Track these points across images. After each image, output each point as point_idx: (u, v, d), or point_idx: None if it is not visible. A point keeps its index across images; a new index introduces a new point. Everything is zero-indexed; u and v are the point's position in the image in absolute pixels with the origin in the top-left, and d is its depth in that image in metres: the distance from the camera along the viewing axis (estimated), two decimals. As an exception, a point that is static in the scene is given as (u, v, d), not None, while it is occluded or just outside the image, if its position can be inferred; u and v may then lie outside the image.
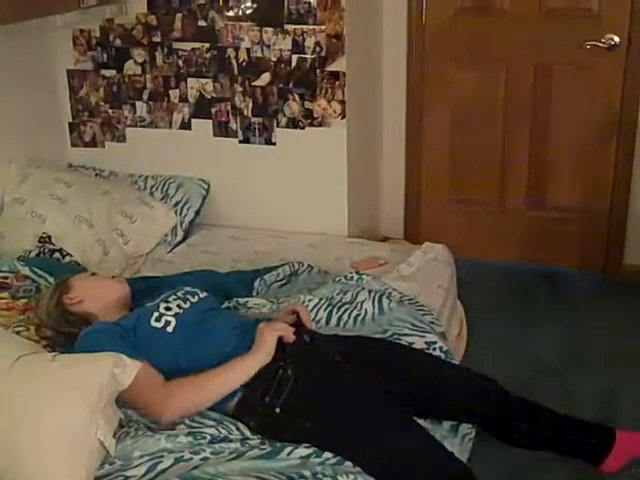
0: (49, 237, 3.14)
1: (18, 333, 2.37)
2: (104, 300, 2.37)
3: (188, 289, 2.42)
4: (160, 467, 1.94)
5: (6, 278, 2.72)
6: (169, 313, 2.27)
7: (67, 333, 2.31)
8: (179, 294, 2.37)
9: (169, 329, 2.23)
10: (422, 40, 3.86)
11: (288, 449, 2.03)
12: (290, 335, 2.21)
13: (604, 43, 3.63)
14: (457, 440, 2.29)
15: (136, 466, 1.93)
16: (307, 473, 1.92)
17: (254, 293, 2.84)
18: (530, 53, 3.78)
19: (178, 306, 2.30)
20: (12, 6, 2.69)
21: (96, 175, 3.68)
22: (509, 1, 3.75)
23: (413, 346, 2.43)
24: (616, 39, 3.62)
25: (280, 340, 2.20)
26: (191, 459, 1.97)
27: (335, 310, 2.61)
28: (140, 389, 2.06)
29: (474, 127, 3.94)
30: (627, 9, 3.58)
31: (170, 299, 2.33)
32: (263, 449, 2.03)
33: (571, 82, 3.77)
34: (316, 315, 2.58)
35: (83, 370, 1.98)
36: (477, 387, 2.38)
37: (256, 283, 2.87)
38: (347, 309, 2.61)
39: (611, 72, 3.68)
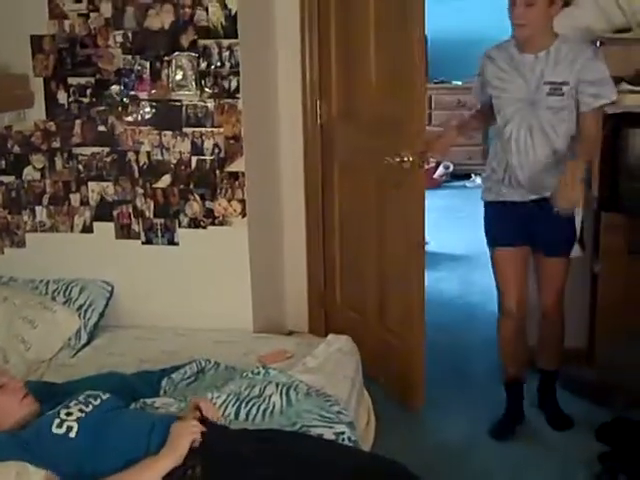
0: (-53, 346, 3.07)
1: None
2: (12, 418, 2.32)
3: (89, 393, 2.39)
4: None
5: None
6: (70, 418, 2.23)
7: None
8: (80, 399, 2.34)
9: (71, 434, 2.19)
10: (318, 139, 3.99)
11: None
12: (197, 437, 2.20)
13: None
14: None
15: None
16: None
17: (161, 393, 2.82)
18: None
19: (80, 410, 2.27)
20: None
21: (-5, 281, 3.63)
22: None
23: (322, 437, 2.45)
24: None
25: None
26: None
27: (243, 405, 2.61)
28: None
29: (357, 224, 3.94)
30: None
31: (71, 404, 2.30)
32: None
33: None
34: (225, 411, 2.58)
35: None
36: (388, 473, 2.40)
37: (163, 382, 2.85)
38: (255, 403, 2.62)
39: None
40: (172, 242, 3.59)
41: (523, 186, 3.24)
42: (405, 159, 3.37)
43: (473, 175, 8.44)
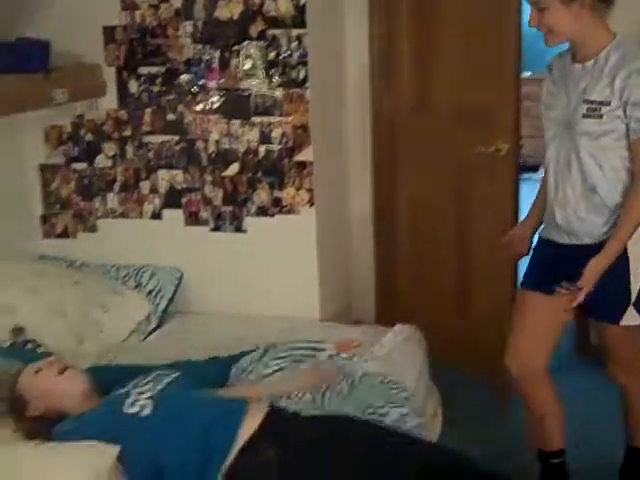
0: (22, 328, 3.14)
1: (-5, 424, 2.37)
2: (64, 397, 2.37)
3: (160, 372, 2.44)
4: None
5: (-20, 370, 2.72)
6: (143, 397, 2.27)
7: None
8: (151, 378, 2.38)
9: (144, 413, 2.23)
10: (386, 127, 3.98)
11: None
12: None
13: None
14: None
15: None
16: None
17: (230, 379, 2.86)
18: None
19: (151, 389, 2.31)
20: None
21: (68, 266, 3.71)
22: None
23: (387, 417, 2.46)
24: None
25: (263, 423, 2.22)
26: None
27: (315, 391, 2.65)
28: None
29: (431, 215, 3.96)
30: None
31: (142, 383, 2.34)
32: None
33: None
34: (302, 397, 2.62)
35: (67, 461, 1.98)
36: (457, 466, 2.39)
37: (232, 370, 2.89)
38: (326, 389, 2.65)
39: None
40: (240, 230, 3.62)
41: (560, 226, 2.62)
42: (500, 148, 3.44)
43: (541, 166, 8.30)
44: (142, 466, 2.19)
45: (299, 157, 3.49)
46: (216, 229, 3.65)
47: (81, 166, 3.75)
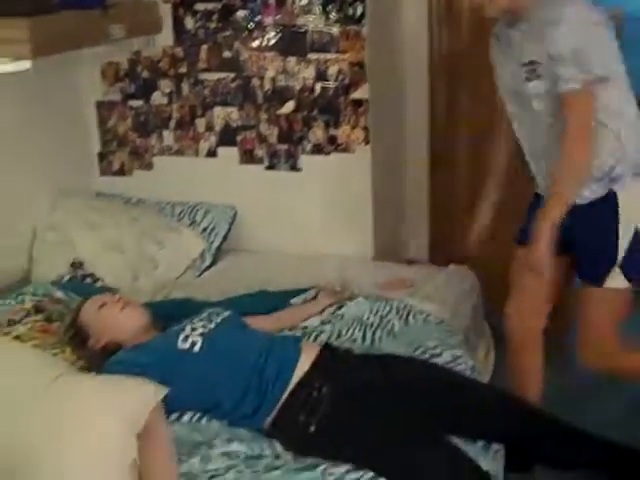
0: (81, 263, 3.22)
1: (54, 355, 2.42)
2: (125, 331, 2.41)
3: (211, 310, 2.47)
4: (197, 484, 1.98)
5: (41, 301, 2.79)
6: (195, 333, 2.31)
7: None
8: (203, 315, 2.42)
9: (196, 349, 2.27)
10: (444, 66, 3.91)
11: (323, 466, 2.05)
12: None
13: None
14: (490, 456, 2.29)
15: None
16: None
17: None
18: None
19: (203, 326, 2.34)
20: (46, 39, 2.77)
21: (124, 203, 3.75)
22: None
23: (440, 359, 2.47)
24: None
25: (317, 361, 2.24)
26: (226, 474, 2.00)
27: (367, 328, 2.67)
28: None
29: (491, 152, 3.91)
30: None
31: (195, 321, 2.38)
32: (299, 463, 2.06)
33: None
34: (352, 334, 2.64)
35: (123, 392, 2.02)
36: (505, 406, 2.39)
37: (284, 307, 2.91)
38: (377, 327, 2.66)
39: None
40: (295, 168, 3.61)
41: (535, 177, 2.63)
42: None
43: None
44: (194, 401, 2.23)
45: (355, 95, 3.45)
46: (271, 167, 3.65)
47: (137, 103, 3.76)
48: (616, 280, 2.43)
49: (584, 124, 2.32)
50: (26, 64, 2.73)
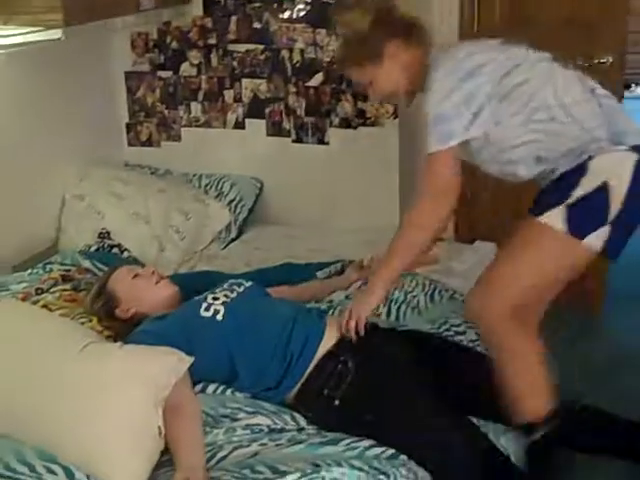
0: (108, 233, 3.24)
1: (82, 324, 2.44)
2: (156, 304, 2.43)
3: (232, 281, 2.47)
4: (219, 455, 1.99)
5: (69, 271, 2.81)
6: (217, 302, 2.31)
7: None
8: (224, 286, 2.42)
9: (218, 317, 2.27)
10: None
11: (346, 440, 2.06)
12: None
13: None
14: (510, 436, 2.29)
15: (195, 455, 1.99)
16: (359, 463, 1.95)
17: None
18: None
19: (225, 296, 2.35)
20: (77, 9, 2.77)
21: (152, 173, 3.76)
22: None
23: (464, 337, 2.46)
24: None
25: (341, 336, 2.25)
26: (249, 446, 2.02)
27: (392, 304, 2.67)
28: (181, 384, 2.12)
29: None
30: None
31: (217, 290, 2.38)
32: (321, 437, 2.07)
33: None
34: (377, 309, 2.63)
35: (149, 361, 2.04)
36: None
37: (309, 280, 2.91)
38: (402, 303, 2.66)
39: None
40: (322, 141, 3.60)
41: None
42: (604, 61, 3.42)
43: (633, 85, 8.00)
44: (214, 371, 2.24)
45: (384, 68, 3.42)
46: (298, 140, 3.64)
47: (166, 74, 3.76)
48: (555, 217, 2.09)
49: (432, 186, 2.23)
50: (58, 33, 2.74)
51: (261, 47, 3.58)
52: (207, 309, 2.29)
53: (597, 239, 2.08)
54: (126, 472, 1.89)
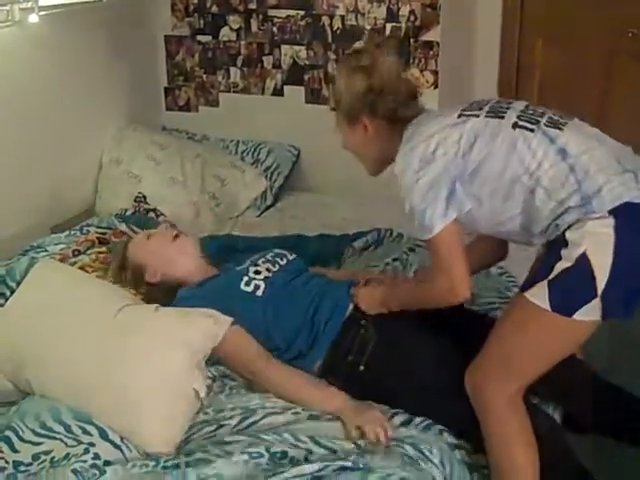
0: (144, 197, 3.24)
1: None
2: (177, 264, 2.39)
3: (277, 251, 2.45)
4: (252, 419, 2.00)
5: (104, 234, 2.82)
6: (258, 277, 2.29)
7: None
8: (268, 257, 2.40)
9: (258, 293, 2.26)
10: (518, 10, 3.79)
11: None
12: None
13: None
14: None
15: (229, 417, 2.00)
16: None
17: (342, 259, 2.87)
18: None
19: (267, 269, 2.33)
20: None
21: (189, 138, 3.76)
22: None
23: (497, 313, 2.43)
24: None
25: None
26: (282, 413, 2.03)
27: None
28: (234, 348, 2.13)
29: (564, 102, 3.83)
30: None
31: (259, 262, 2.36)
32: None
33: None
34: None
35: (185, 323, 2.05)
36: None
37: (345, 250, 2.90)
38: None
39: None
40: (361, 110, 3.56)
41: None
42: None
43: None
44: (251, 331, 2.24)
45: (426, 37, 3.39)
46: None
47: (206, 39, 3.74)
48: (539, 295, 1.87)
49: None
50: (100, -5, 2.73)
51: (302, 13, 3.55)
52: (248, 284, 2.27)
53: (593, 311, 1.86)
54: (160, 434, 1.91)
